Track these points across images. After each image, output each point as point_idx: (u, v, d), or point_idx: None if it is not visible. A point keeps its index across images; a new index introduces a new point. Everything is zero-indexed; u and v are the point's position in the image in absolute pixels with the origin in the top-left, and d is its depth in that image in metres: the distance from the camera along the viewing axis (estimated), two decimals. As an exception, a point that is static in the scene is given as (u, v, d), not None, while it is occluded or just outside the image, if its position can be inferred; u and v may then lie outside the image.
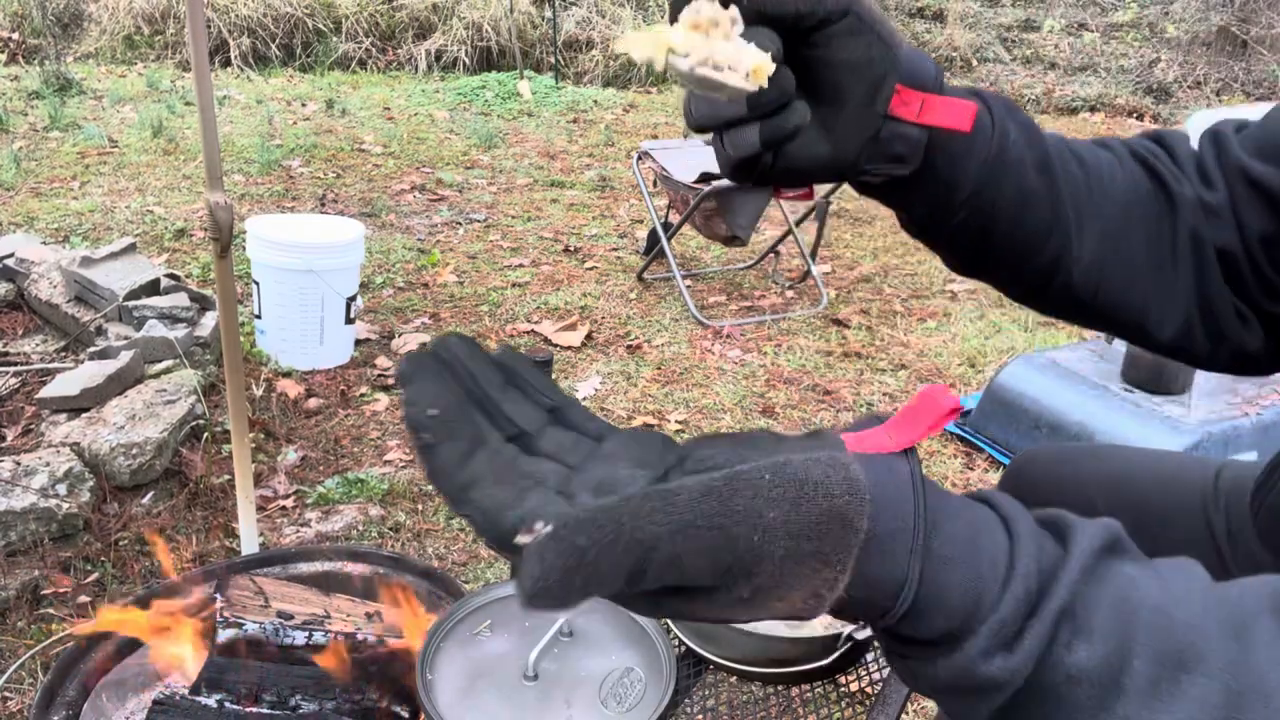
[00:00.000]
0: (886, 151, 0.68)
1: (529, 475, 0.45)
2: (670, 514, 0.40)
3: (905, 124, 0.67)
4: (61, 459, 2.15)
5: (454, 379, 0.47)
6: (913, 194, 0.72)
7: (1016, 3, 10.21)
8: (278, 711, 1.32)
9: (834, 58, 0.64)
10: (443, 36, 8.90)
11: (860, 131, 0.66)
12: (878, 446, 0.47)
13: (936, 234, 0.75)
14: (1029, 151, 0.72)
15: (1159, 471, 0.99)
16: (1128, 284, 0.75)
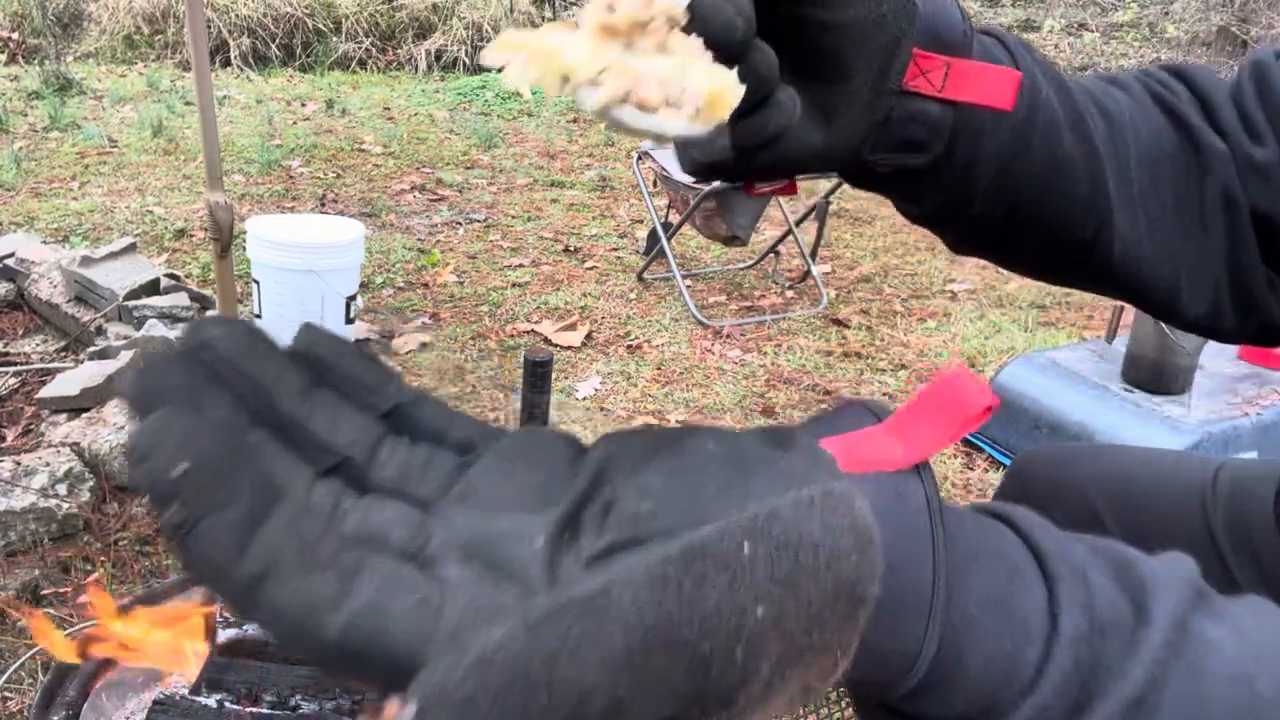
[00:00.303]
0: (898, 136, 0.53)
1: (359, 538, 0.28)
2: (604, 640, 0.25)
3: (925, 100, 0.52)
4: (61, 459, 2.15)
5: (220, 395, 0.29)
6: (924, 183, 0.56)
7: (1016, 3, 10.21)
8: (278, 711, 1.32)
9: (832, 18, 0.49)
10: (443, 36, 8.90)
11: (866, 114, 0.51)
12: (879, 459, 0.35)
13: (948, 224, 0.61)
14: (1062, 110, 0.58)
15: (1157, 471, 0.99)
16: (1160, 256, 0.62)
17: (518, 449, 0.31)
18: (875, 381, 3.20)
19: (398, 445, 0.31)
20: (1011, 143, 0.56)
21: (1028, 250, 0.64)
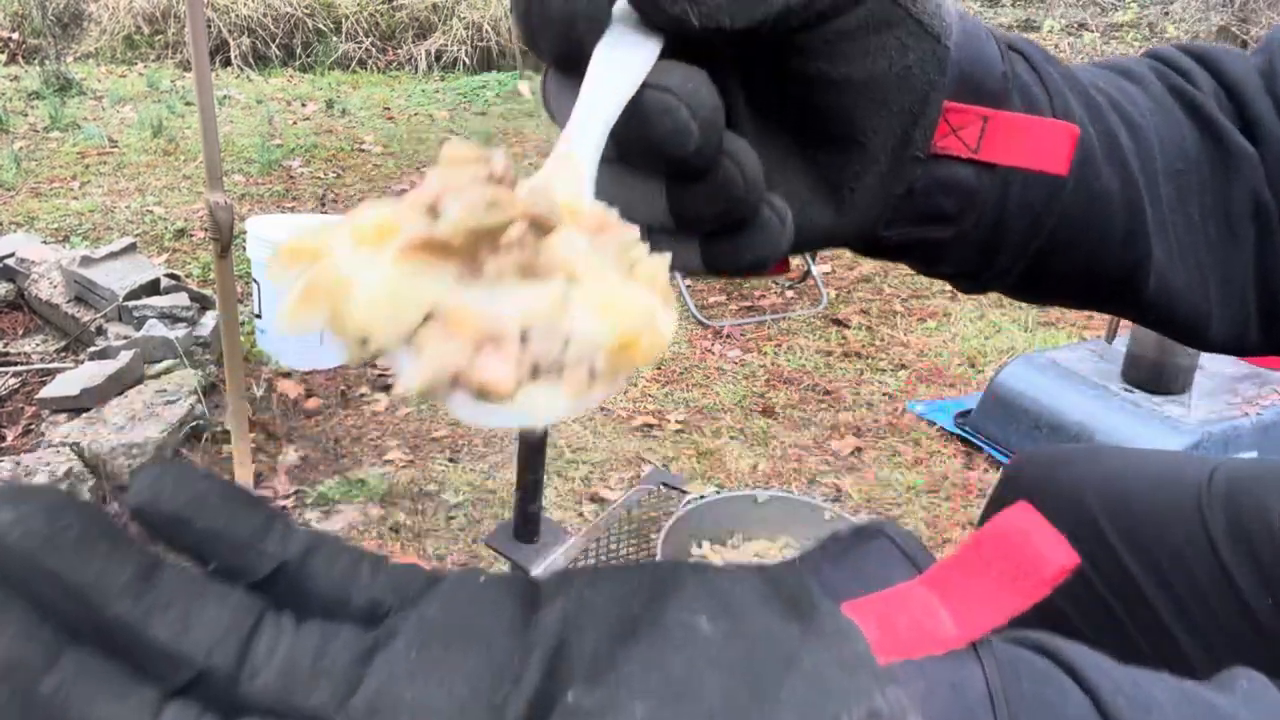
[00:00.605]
0: (922, 208, 0.43)
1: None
2: None
3: (956, 163, 0.42)
4: (61, 459, 2.15)
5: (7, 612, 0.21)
6: (943, 250, 0.47)
7: (1016, 3, 10.21)
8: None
9: (844, 74, 0.37)
10: (443, 36, 8.90)
11: (884, 187, 0.41)
12: (925, 635, 0.28)
13: (965, 279, 0.51)
14: (1096, 133, 0.47)
15: (1153, 472, 0.99)
16: (1191, 282, 0.53)
17: (446, 620, 0.23)
18: (875, 381, 3.20)
19: (280, 631, 0.22)
20: (1047, 188, 0.45)
21: (1053, 294, 0.55)
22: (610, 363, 0.27)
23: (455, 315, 0.26)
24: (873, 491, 2.55)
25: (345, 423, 2.79)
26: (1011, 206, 0.45)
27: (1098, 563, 0.90)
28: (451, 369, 0.25)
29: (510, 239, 0.27)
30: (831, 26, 0.36)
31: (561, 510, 2.40)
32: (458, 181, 0.27)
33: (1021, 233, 0.46)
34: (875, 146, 0.40)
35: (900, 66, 0.38)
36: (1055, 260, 0.49)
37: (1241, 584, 0.82)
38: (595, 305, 0.27)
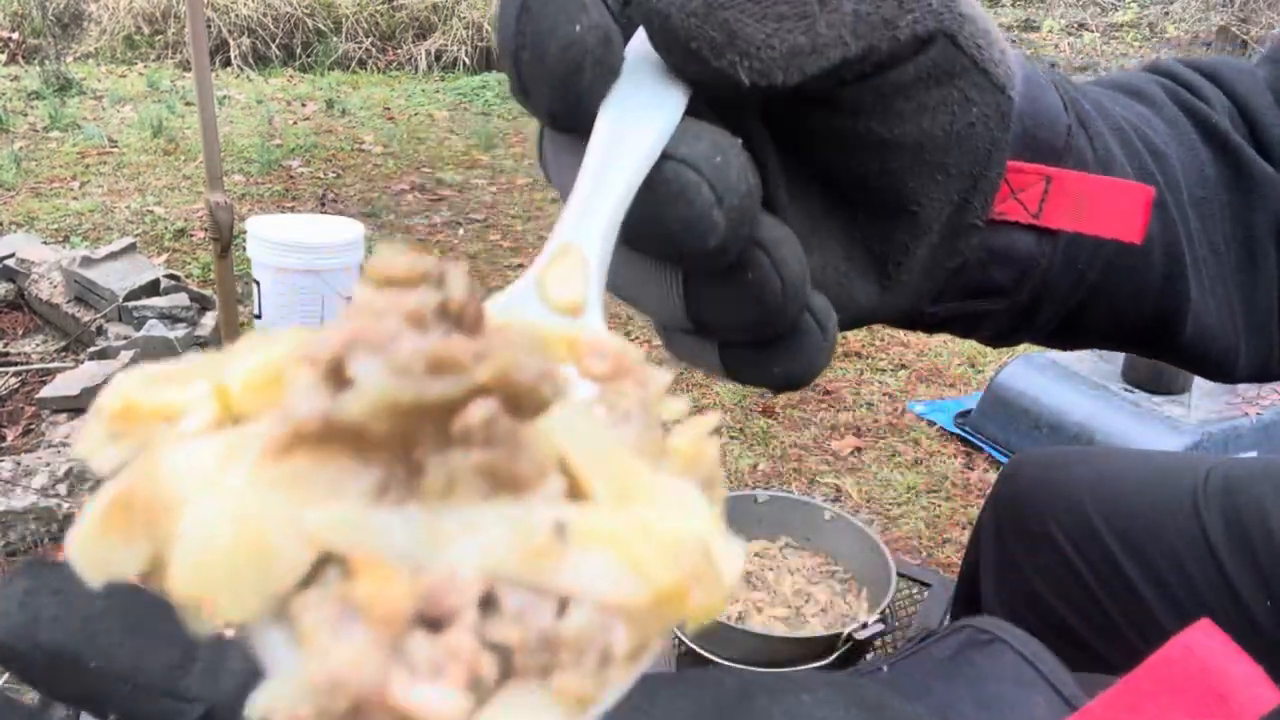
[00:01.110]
0: (973, 281, 0.38)
1: None
2: None
3: (1015, 230, 0.37)
4: (61, 459, 2.15)
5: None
6: (984, 321, 0.42)
7: (1016, 3, 10.21)
8: (278, 711, 1.32)
9: (897, 135, 0.32)
10: (443, 36, 8.90)
11: (936, 261, 0.36)
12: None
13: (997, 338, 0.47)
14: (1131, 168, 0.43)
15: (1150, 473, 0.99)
16: (1221, 317, 0.50)
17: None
18: (875, 381, 3.20)
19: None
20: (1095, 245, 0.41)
21: (1085, 343, 0.50)
22: (636, 635, 0.17)
23: (364, 571, 0.15)
24: (873, 491, 2.55)
25: (345, 423, 2.79)
26: (1057, 267, 0.40)
27: (1094, 564, 0.90)
28: (343, 692, 0.14)
29: (470, 426, 0.16)
30: (887, 79, 0.30)
31: (561, 510, 2.40)
32: (381, 324, 0.16)
33: (1065, 290, 0.42)
34: (928, 215, 0.33)
35: (962, 124, 0.32)
36: (1092, 312, 0.45)
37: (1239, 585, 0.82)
38: (610, 541, 0.17)
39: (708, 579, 0.17)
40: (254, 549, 0.15)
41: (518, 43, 0.26)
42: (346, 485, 0.16)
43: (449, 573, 0.15)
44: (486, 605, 0.16)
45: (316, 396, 0.16)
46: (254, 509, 0.15)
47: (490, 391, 0.16)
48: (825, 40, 0.27)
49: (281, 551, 0.15)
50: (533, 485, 0.17)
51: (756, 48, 0.26)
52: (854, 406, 3.03)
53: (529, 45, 0.25)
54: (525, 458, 0.16)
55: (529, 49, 0.25)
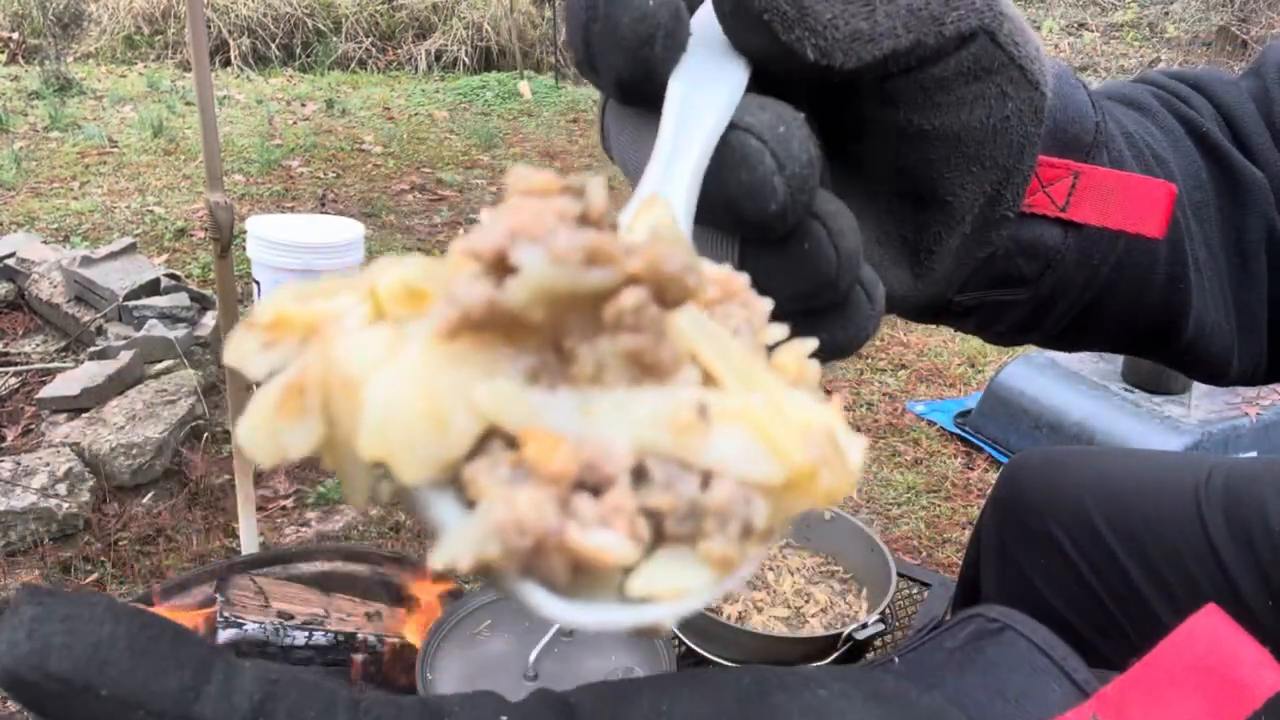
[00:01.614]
0: (999, 271, 0.40)
1: None
2: None
3: (1042, 222, 0.39)
4: (61, 459, 2.15)
5: None
6: (1004, 314, 0.44)
7: (1016, 3, 10.20)
8: (278, 711, 1.32)
9: (937, 124, 0.33)
10: (443, 36, 8.91)
11: (967, 251, 0.37)
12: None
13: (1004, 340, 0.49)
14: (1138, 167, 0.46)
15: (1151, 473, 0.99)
16: (1217, 320, 0.51)
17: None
18: (875, 381, 3.20)
19: None
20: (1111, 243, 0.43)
21: (1090, 345, 0.51)
22: (773, 511, 0.19)
23: (531, 439, 0.17)
24: (873, 491, 2.55)
25: (345, 423, 2.79)
26: (1073, 261, 0.41)
27: (1095, 563, 0.90)
28: (528, 532, 0.17)
29: (621, 312, 0.18)
30: (930, 73, 0.31)
31: (561, 510, 2.40)
32: (534, 221, 0.18)
33: (1080, 285, 0.43)
34: (962, 205, 0.35)
35: (998, 118, 0.33)
36: (1102, 309, 0.46)
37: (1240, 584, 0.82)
38: (748, 421, 0.19)
39: (835, 463, 0.20)
40: (432, 416, 0.17)
41: (589, 15, 0.26)
42: (505, 369, 0.18)
43: (605, 443, 0.17)
44: (638, 477, 0.17)
45: (482, 284, 0.17)
46: (430, 382, 0.17)
47: (640, 281, 0.18)
48: (882, 29, 0.28)
49: (455, 421, 0.17)
50: (673, 372, 0.19)
51: (823, 26, 0.27)
52: (854, 406, 3.03)
53: (601, 18, 0.26)
54: (668, 346, 0.18)
55: (601, 21, 0.26)
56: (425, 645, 1.13)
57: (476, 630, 1.19)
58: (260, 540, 2.00)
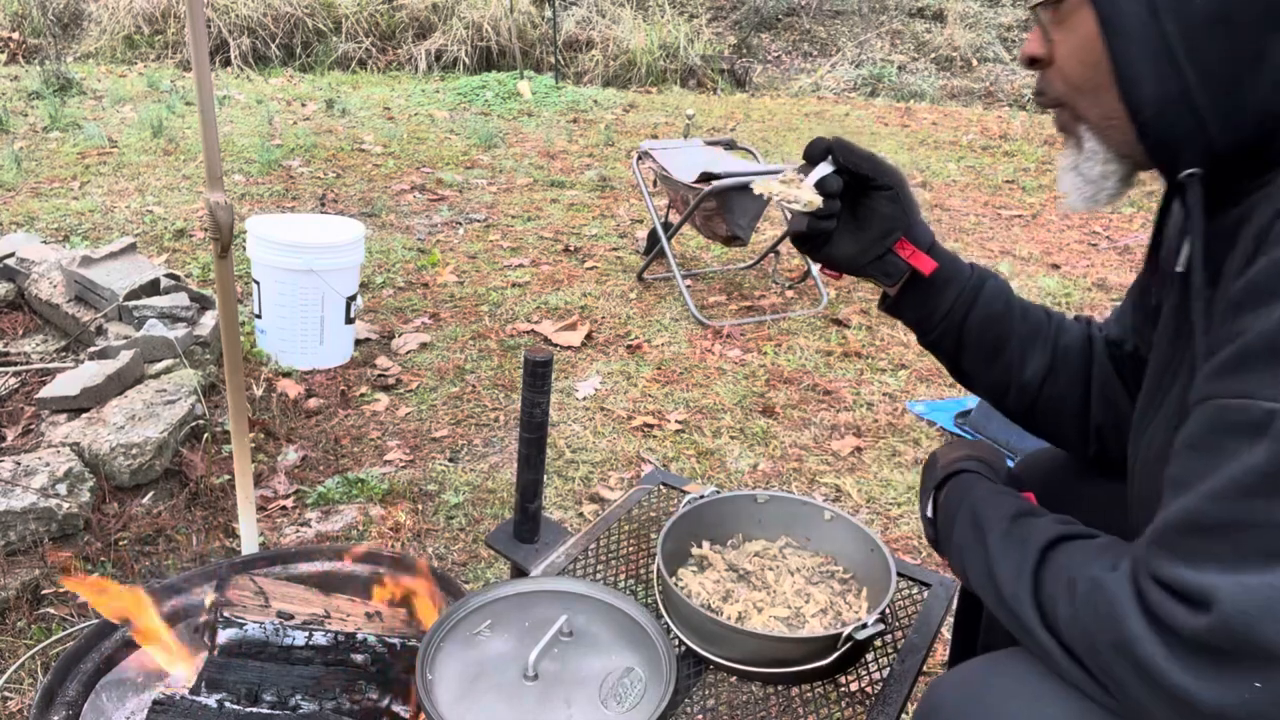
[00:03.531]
0: (883, 269, 1.11)
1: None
2: None
3: (898, 257, 1.10)
4: (61, 459, 2.15)
5: None
6: (904, 307, 1.16)
7: (1016, 3, 10.21)
8: (278, 711, 1.32)
9: (875, 205, 1.08)
10: (443, 36, 8.90)
11: (873, 249, 1.10)
12: None
13: (933, 343, 1.17)
14: (1000, 294, 1.14)
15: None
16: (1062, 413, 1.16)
17: None
18: (875, 381, 3.20)
19: None
20: (963, 298, 1.14)
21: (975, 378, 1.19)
22: (809, 204, 1.12)
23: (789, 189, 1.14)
24: (873, 491, 2.55)
25: (345, 423, 2.79)
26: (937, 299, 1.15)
27: None
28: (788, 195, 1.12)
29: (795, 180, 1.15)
30: (879, 191, 1.09)
31: (561, 510, 2.40)
32: None
33: (944, 313, 1.15)
34: (872, 233, 1.11)
35: (892, 213, 1.09)
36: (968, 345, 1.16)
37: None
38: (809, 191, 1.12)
39: (816, 201, 1.08)
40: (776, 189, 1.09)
41: None
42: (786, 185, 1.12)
43: None
44: None
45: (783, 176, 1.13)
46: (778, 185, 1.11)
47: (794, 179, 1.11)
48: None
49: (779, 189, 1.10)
50: None
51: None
52: (854, 406, 3.03)
53: None
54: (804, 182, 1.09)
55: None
56: (425, 645, 1.13)
57: (476, 630, 1.18)
58: (260, 540, 2.00)
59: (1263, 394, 0.66)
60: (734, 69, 9.34)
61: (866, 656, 1.29)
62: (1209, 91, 0.74)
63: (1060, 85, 0.84)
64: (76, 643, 1.40)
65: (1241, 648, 0.65)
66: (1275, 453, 0.65)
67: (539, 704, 1.07)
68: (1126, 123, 0.80)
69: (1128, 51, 0.76)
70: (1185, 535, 0.71)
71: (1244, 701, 0.66)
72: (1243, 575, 0.66)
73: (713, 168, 3.62)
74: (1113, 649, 0.72)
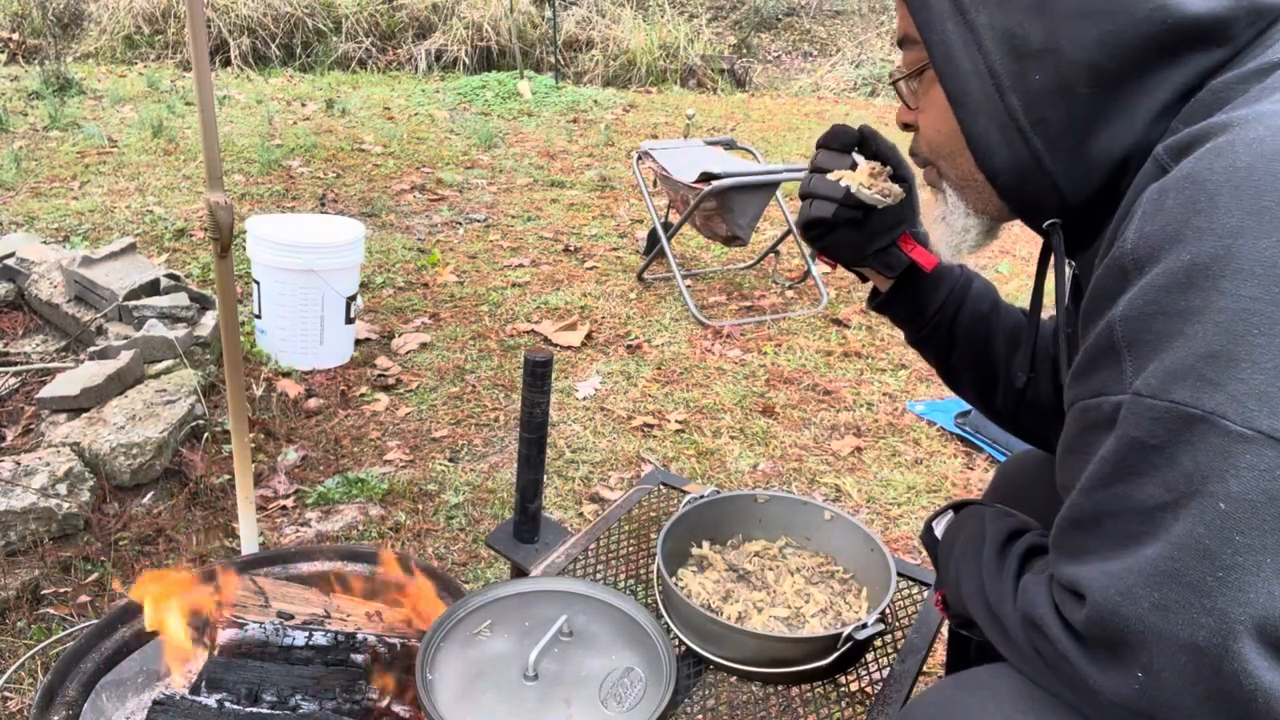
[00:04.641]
0: (885, 260, 1.12)
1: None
2: None
3: (900, 251, 1.12)
4: (61, 459, 2.15)
5: None
6: (896, 303, 1.18)
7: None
8: (278, 711, 1.32)
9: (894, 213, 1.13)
10: (443, 36, 8.90)
11: (879, 240, 1.11)
12: None
13: (922, 340, 1.19)
14: (987, 293, 1.18)
15: None
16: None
17: None
18: (875, 381, 3.20)
19: None
20: (953, 297, 1.16)
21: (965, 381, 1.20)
22: (894, 196, 1.10)
23: (878, 184, 1.15)
24: (873, 491, 2.55)
25: (345, 423, 2.79)
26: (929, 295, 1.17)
27: None
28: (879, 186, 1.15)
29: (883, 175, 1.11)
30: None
31: (561, 510, 2.40)
32: None
33: (936, 309, 1.16)
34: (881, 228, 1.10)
35: (902, 213, 1.11)
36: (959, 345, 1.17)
37: None
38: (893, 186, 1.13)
39: (899, 192, 1.08)
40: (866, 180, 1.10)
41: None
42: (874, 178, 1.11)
43: None
44: None
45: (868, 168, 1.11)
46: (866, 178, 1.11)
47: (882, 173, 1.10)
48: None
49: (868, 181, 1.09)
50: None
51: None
52: (854, 406, 3.03)
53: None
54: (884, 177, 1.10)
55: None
56: (425, 645, 1.13)
57: (476, 630, 1.18)
58: (260, 540, 2.00)
59: (1111, 389, 0.70)
60: (734, 69, 9.34)
61: (866, 656, 1.29)
62: (1057, 156, 0.81)
63: (925, 148, 0.93)
64: (76, 643, 1.40)
65: (1115, 636, 0.67)
66: (1120, 440, 0.68)
67: (539, 704, 1.07)
68: (985, 184, 0.87)
69: (976, 124, 0.83)
70: (1067, 533, 0.75)
71: (1136, 692, 0.66)
72: (1108, 564, 0.69)
73: (712, 168, 3.62)
74: (1047, 654, 0.75)
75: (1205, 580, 0.63)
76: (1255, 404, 0.62)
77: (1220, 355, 0.63)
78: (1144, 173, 0.76)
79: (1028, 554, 0.87)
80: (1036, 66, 0.78)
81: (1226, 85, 0.74)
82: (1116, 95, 0.77)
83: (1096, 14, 0.76)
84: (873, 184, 1.04)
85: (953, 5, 0.82)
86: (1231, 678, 0.62)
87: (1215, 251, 0.64)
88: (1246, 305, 0.63)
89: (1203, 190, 0.66)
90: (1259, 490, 0.62)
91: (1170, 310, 0.66)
